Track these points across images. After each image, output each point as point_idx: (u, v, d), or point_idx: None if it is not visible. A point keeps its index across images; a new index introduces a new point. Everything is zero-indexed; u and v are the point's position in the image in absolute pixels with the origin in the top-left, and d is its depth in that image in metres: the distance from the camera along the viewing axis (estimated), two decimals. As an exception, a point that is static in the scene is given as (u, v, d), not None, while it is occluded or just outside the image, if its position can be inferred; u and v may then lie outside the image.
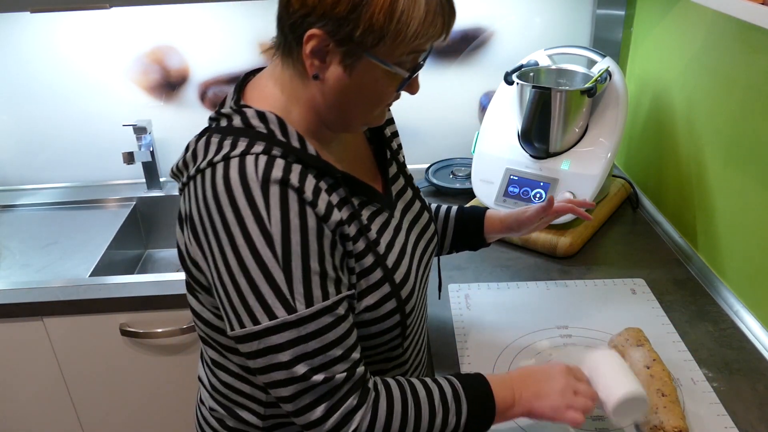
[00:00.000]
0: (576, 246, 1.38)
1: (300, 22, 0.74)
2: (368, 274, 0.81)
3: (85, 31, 1.65)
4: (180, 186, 0.82)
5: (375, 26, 0.72)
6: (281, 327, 0.72)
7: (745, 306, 1.18)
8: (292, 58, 0.78)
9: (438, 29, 0.75)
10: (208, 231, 0.74)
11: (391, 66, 0.75)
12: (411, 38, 0.73)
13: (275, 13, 0.83)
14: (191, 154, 0.79)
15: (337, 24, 0.72)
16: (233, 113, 0.79)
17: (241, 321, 0.73)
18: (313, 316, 0.73)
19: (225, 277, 0.73)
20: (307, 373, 0.73)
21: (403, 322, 0.86)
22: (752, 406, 0.98)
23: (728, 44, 1.21)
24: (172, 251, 1.82)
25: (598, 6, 1.66)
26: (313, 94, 0.79)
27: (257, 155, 0.74)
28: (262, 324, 0.72)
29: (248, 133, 0.77)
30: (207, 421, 0.95)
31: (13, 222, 1.70)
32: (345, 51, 0.74)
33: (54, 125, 1.77)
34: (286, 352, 0.72)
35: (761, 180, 1.12)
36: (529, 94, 1.35)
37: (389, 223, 0.87)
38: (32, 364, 1.44)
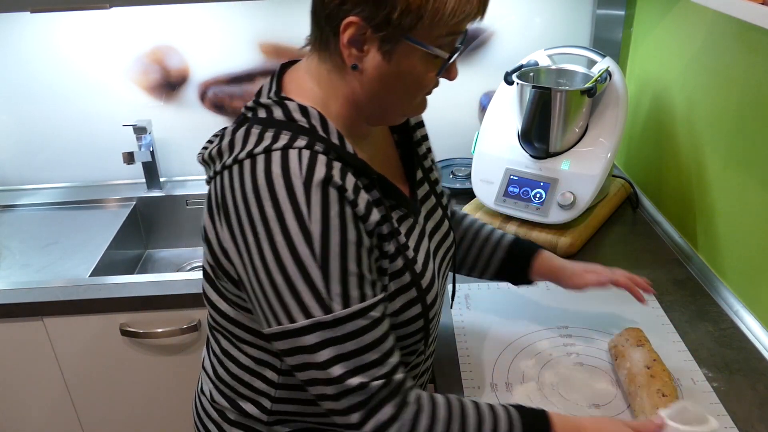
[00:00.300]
0: (576, 246, 1.38)
1: (336, 12, 0.73)
2: (398, 276, 0.81)
3: (85, 31, 1.65)
4: (211, 174, 0.80)
5: (412, 6, 0.71)
6: (317, 326, 0.71)
7: (745, 306, 1.18)
8: (329, 50, 0.77)
9: (474, 6, 0.73)
10: (245, 224, 0.73)
11: (430, 48, 0.74)
12: (449, 16, 0.72)
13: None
14: (228, 143, 0.77)
15: (374, 8, 0.71)
16: (273, 105, 0.78)
17: (277, 318, 0.73)
18: (349, 317, 0.72)
19: (261, 272, 0.72)
20: (343, 375, 0.72)
21: (426, 327, 0.85)
22: (752, 406, 0.98)
23: (728, 44, 1.21)
24: (172, 251, 1.82)
25: (598, 6, 1.66)
26: (352, 86, 0.78)
27: (300, 150, 0.73)
28: (298, 322, 0.71)
29: (290, 127, 0.76)
30: (207, 412, 0.94)
31: (13, 222, 1.70)
32: (383, 37, 0.73)
33: (54, 125, 1.77)
34: (321, 353, 0.71)
35: (761, 180, 1.12)
36: (529, 94, 1.35)
37: (414, 228, 0.87)
38: (32, 364, 1.44)
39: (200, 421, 0.97)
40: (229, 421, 0.91)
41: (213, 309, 0.86)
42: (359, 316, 0.72)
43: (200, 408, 0.97)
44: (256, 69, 1.72)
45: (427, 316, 0.84)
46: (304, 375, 0.74)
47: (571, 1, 1.67)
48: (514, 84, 1.41)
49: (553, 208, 1.38)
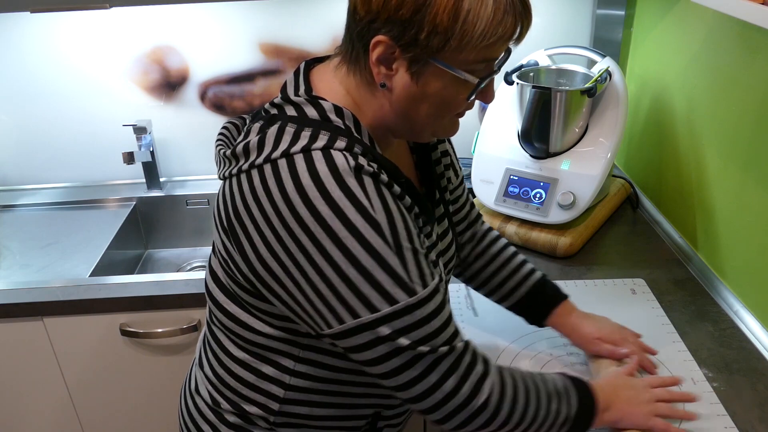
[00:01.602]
0: (576, 246, 1.38)
1: (366, 29, 0.73)
2: None
3: (85, 31, 1.65)
4: (232, 171, 0.77)
5: (439, 27, 0.70)
6: (405, 311, 0.71)
7: (745, 306, 1.18)
8: (359, 66, 0.77)
9: (509, 29, 0.72)
10: (295, 229, 0.70)
11: (458, 72, 0.73)
12: (479, 39, 0.71)
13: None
14: (258, 141, 0.75)
15: (402, 28, 0.71)
16: (305, 103, 0.77)
17: (353, 312, 0.71)
18: (430, 295, 0.73)
19: (328, 271, 0.70)
20: (432, 349, 0.73)
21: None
22: (752, 406, 0.98)
23: (728, 44, 1.21)
24: (172, 251, 1.82)
25: (598, 6, 1.66)
26: (381, 103, 0.78)
27: (340, 150, 0.73)
28: (382, 311, 0.71)
29: (328, 127, 0.75)
30: (202, 413, 0.93)
31: (13, 222, 1.70)
32: (411, 57, 0.72)
33: (54, 125, 1.77)
34: (409, 335, 0.72)
35: (761, 180, 1.12)
36: (529, 94, 1.35)
37: (430, 236, 0.88)
38: (32, 364, 1.44)
39: (192, 422, 0.94)
40: (227, 423, 0.90)
41: (219, 310, 0.85)
42: (437, 293, 0.75)
43: (193, 408, 0.95)
44: (256, 69, 1.72)
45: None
46: (384, 366, 0.74)
47: (571, 1, 1.67)
48: (514, 84, 1.41)
49: (553, 208, 1.38)
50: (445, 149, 0.98)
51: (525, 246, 1.41)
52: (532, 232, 1.40)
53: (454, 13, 0.69)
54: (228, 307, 0.84)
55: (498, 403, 0.77)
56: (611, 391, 0.89)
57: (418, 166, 0.94)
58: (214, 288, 0.85)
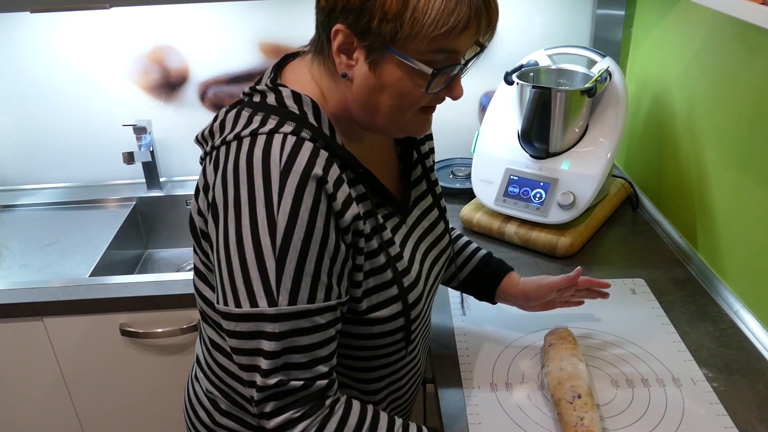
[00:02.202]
0: (576, 246, 1.38)
1: (328, 19, 0.75)
2: (379, 273, 0.81)
3: (85, 31, 1.65)
4: (202, 154, 0.83)
5: (389, 15, 0.70)
6: (257, 317, 0.72)
7: (745, 306, 1.18)
8: (324, 56, 0.79)
9: (462, 19, 0.70)
10: (219, 203, 0.75)
11: (412, 61, 0.73)
12: (430, 27, 0.70)
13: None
14: (219, 124, 0.80)
15: (356, 15, 0.72)
16: (268, 90, 0.79)
17: (225, 298, 0.74)
18: (291, 315, 0.72)
19: (222, 252, 0.74)
20: (268, 371, 0.73)
21: (408, 327, 0.85)
22: (752, 406, 0.98)
23: (728, 44, 1.21)
24: (172, 251, 1.82)
25: (598, 6, 1.66)
26: (344, 93, 0.79)
27: (285, 135, 0.74)
28: (243, 308, 0.73)
29: (280, 112, 0.77)
30: (199, 399, 0.95)
31: (13, 222, 1.70)
32: (368, 46, 0.73)
33: (54, 125, 1.77)
34: (255, 341, 0.73)
35: (761, 180, 1.12)
36: (529, 94, 1.35)
37: (400, 227, 0.87)
38: (32, 364, 1.44)
39: (191, 407, 0.97)
40: (220, 410, 0.92)
41: (200, 298, 0.88)
42: (301, 317, 0.73)
43: (192, 394, 0.97)
44: (256, 69, 1.72)
45: (408, 315, 0.84)
46: (236, 358, 0.76)
47: (571, 1, 1.67)
48: (514, 84, 1.41)
49: (553, 208, 1.38)
50: (432, 146, 1.00)
51: (525, 246, 1.41)
52: (532, 232, 1.40)
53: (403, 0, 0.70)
54: (206, 293, 0.86)
55: None
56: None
57: (402, 158, 0.94)
58: (196, 279, 0.88)
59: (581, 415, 0.90)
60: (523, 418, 0.97)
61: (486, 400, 1.01)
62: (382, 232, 0.81)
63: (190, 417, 0.98)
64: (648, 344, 1.11)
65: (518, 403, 1.00)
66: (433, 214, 0.95)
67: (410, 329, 0.86)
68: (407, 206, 0.90)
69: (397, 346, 0.87)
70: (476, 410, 0.99)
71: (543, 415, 0.98)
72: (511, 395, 1.02)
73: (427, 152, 0.98)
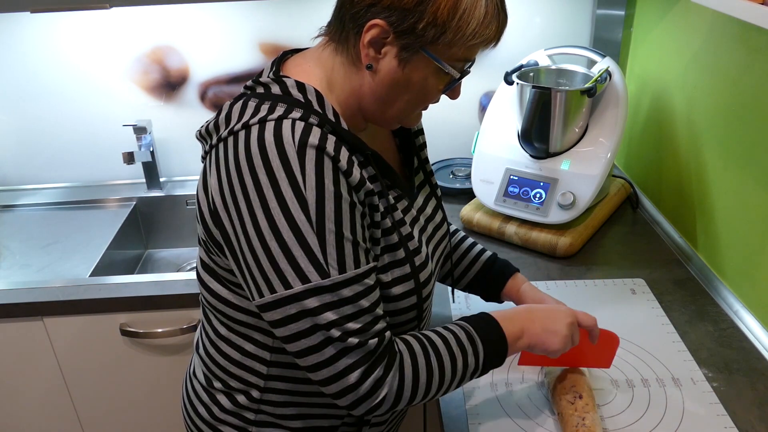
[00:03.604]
0: (576, 246, 1.38)
1: (364, 12, 0.75)
2: (393, 250, 0.82)
3: (85, 31, 1.65)
4: (206, 148, 0.82)
5: (438, 20, 0.73)
6: (315, 291, 0.72)
7: (745, 306, 1.18)
8: (347, 45, 0.79)
9: (492, 33, 0.77)
10: (238, 193, 0.74)
11: (444, 65, 0.77)
12: (468, 38, 0.76)
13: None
14: (224, 116, 0.80)
15: (402, 15, 0.73)
16: (272, 82, 0.80)
17: (271, 285, 0.73)
18: (346, 282, 0.74)
19: (254, 240, 0.73)
20: (342, 336, 0.74)
21: (420, 305, 0.86)
22: (752, 406, 0.98)
23: (728, 44, 1.21)
24: (172, 251, 1.82)
25: (598, 6, 1.66)
26: (361, 83, 0.80)
27: (294, 120, 0.75)
28: (295, 288, 0.72)
29: (286, 100, 0.78)
30: (198, 395, 0.95)
31: (13, 222, 1.70)
32: (403, 44, 0.75)
33: (54, 125, 1.77)
34: (320, 317, 0.73)
35: (761, 180, 1.12)
36: (529, 94, 1.35)
37: (408, 211, 0.89)
38: (32, 364, 1.45)
39: (190, 404, 0.97)
40: (218, 403, 0.92)
41: (205, 289, 0.88)
42: (355, 281, 0.75)
43: (191, 390, 0.98)
44: (256, 69, 1.72)
45: (420, 294, 0.86)
46: (297, 345, 0.75)
47: (571, 1, 1.67)
48: (514, 84, 1.41)
49: (553, 208, 1.38)
50: (424, 141, 1.01)
51: (525, 246, 1.41)
52: (532, 232, 1.40)
53: (453, 8, 0.73)
54: (211, 285, 0.86)
55: (397, 396, 0.78)
56: (527, 315, 0.90)
57: (400, 149, 0.97)
58: (201, 270, 0.88)
59: (582, 415, 0.90)
60: (523, 418, 0.97)
61: (486, 400, 1.01)
62: (393, 212, 0.83)
63: (189, 413, 0.98)
64: (648, 344, 1.11)
65: (518, 403, 1.00)
66: (432, 203, 0.97)
67: (422, 308, 0.87)
68: (413, 191, 0.92)
69: (410, 325, 0.88)
70: (476, 410, 0.99)
71: (543, 415, 0.98)
72: (511, 395, 1.02)
73: (420, 145, 0.99)
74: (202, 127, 0.83)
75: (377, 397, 0.77)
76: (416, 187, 0.95)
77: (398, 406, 0.80)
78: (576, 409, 0.91)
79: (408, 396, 0.79)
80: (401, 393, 0.78)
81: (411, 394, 0.79)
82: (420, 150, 0.99)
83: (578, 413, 0.91)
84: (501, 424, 0.96)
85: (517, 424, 0.96)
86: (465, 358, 0.83)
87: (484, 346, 0.85)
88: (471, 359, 0.84)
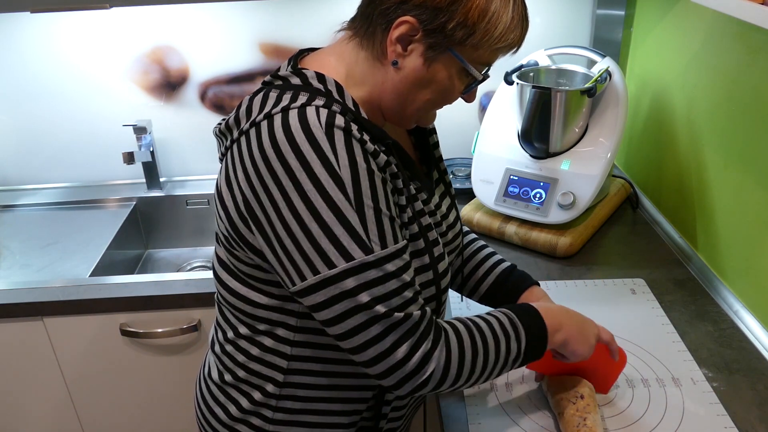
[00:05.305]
0: (576, 246, 1.38)
1: (394, 9, 0.76)
2: (414, 240, 0.82)
3: (85, 31, 1.65)
4: (227, 144, 0.81)
5: (468, 21, 0.74)
6: (361, 268, 0.72)
7: (745, 306, 1.18)
8: (372, 40, 0.79)
9: (516, 38, 0.79)
10: (269, 182, 0.73)
11: (469, 66, 0.78)
12: (495, 41, 0.77)
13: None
14: (245, 109, 0.79)
15: (434, 14, 0.74)
16: (291, 75, 0.80)
17: (314, 267, 0.73)
18: (389, 257, 0.74)
19: (293, 224, 0.73)
20: (389, 311, 0.74)
21: (439, 297, 0.87)
22: (752, 406, 0.98)
23: (728, 44, 1.21)
24: (172, 251, 1.82)
25: (598, 6, 1.66)
26: (384, 78, 0.80)
27: (318, 107, 0.75)
28: (339, 266, 0.72)
29: (308, 89, 0.78)
30: (213, 395, 0.95)
31: (13, 222, 1.70)
32: (431, 42, 0.76)
33: (54, 125, 1.77)
34: (364, 294, 0.73)
35: (761, 179, 1.12)
36: (529, 94, 1.35)
37: (426, 204, 0.89)
38: (32, 364, 1.44)
39: (206, 406, 0.96)
40: (236, 403, 0.92)
41: (223, 287, 0.88)
42: (397, 256, 0.75)
43: (206, 392, 0.97)
44: (256, 69, 1.72)
45: (438, 285, 0.86)
46: (342, 327, 0.75)
47: (571, 1, 1.67)
48: (514, 84, 1.41)
49: (553, 208, 1.38)
50: (437, 140, 1.01)
51: (525, 246, 1.41)
52: (532, 232, 1.40)
53: (484, 11, 0.75)
54: (229, 283, 0.87)
55: (444, 373, 0.78)
56: (562, 312, 0.91)
57: (417, 147, 0.97)
58: (219, 268, 0.88)
59: (584, 415, 0.90)
60: (523, 418, 0.97)
61: (486, 400, 1.01)
62: (414, 203, 0.83)
63: (204, 415, 0.97)
64: (648, 344, 1.11)
65: (518, 403, 1.00)
66: (446, 201, 0.97)
67: (441, 299, 0.87)
68: (432, 186, 0.93)
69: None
70: (476, 410, 0.99)
71: (543, 415, 0.98)
72: (511, 395, 1.02)
73: (434, 144, 1.00)
74: (222, 123, 0.83)
75: (424, 373, 0.76)
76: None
77: (443, 385, 0.79)
78: (577, 410, 0.91)
79: (454, 375, 0.79)
80: (447, 370, 0.78)
81: (457, 373, 0.79)
82: (435, 148, 0.99)
83: (579, 413, 0.91)
84: (501, 424, 0.96)
85: (517, 424, 0.96)
86: (508, 342, 0.83)
87: (527, 333, 0.85)
88: (513, 344, 0.84)
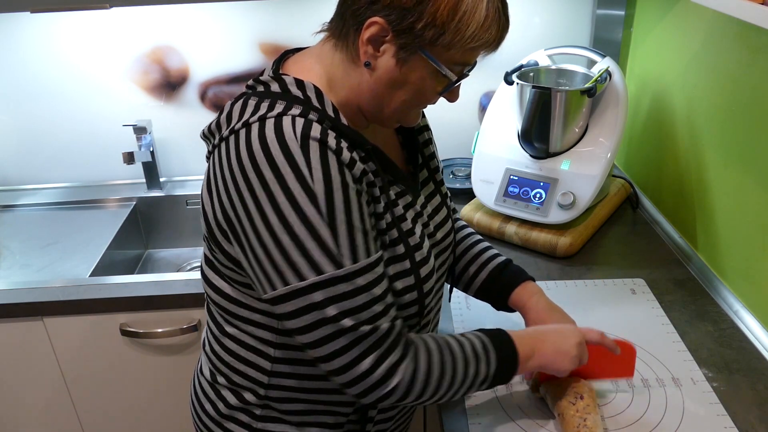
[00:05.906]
0: (576, 246, 1.38)
1: (364, 10, 0.76)
2: (393, 245, 0.83)
3: (85, 31, 1.65)
4: (210, 149, 0.83)
5: (437, 21, 0.73)
6: (330, 282, 0.73)
7: (745, 306, 1.18)
8: (346, 41, 0.79)
9: (492, 37, 0.77)
10: (244, 191, 0.74)
11: (442, 67, 0.77)
12: (467, 40, 0.76)
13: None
14: (226, 116, 0.80)
15: (402, 14, 0.74)
16: (271, 80, 0.81)
17: (284, 278, 0.74)
18: (360, 271, 0.75)
19: (265, 235, 0.74)
20: (355, 324, 0.74)
21: (421, 301, 0.87)
22: (752, 406, 0.98)
23: (728, 44, 1.21)
24: (172, 251, 1.82)
25: (598, 6, 1.66)
26: (359, 80, 0.80)
27: (294, 117, 0.75)
28: (309, 279, 0.73)
29: (285, 97, 0.78)
30: (205, 392, 0.96)
31: (13, 222, 1.70)
32: (402, 43, 0.75)
33: (54, 125, 1.77)
34: (332, 307, 0.74)
35: (761, 179, 1.12)
36: (529, 94, 1.35)
37: (411, 207, 0.89)
38: (32, 364, 1.44)
39: (197, 400, 0.98)
40: (224, 399, 0.93)
41: (209, 286, 0.89)
42: (367, 270, 0.76)
43: (198, 387, 0.98)
44: (256, 69, 1.72)
45: (421, 290, 0.86)
46: (309, 336, 0.76)
47: (571, 1, 1.67)
48: (514, 84, 1.41)
49: (553, 208, 1.38)
50: (430, 137, 1.01)
51: (525, 246, 1.41)
52: (532, 232, 1.40)
53: (453, 10, 0.73)
54: (214, 281, 0.87)
55: (409, 386, 0.79)
56: (538, 336, 0.91)
57: (404, 146, 0.97)
58: (204, 266, 0.89)
59: (584, 416, 0.90)
60: (523, 418, 0.97)
61: (486, 400, 1.01)
62: (394, 208, 0.83)
63: (196, 410, 0.99)
64: (648, 344, 1.11)
65: (518, 403, 1.00)
66: (436, 200, 0.97)
67: (424, 303, 0.87)
68: (417, 186, 0.93)
69: (412, 321, 0.88)
70: (476, 410, 0.99)
71: (543, 415, 0.98)
72: (511, 395, 1.02)
73: (425, 141, 0.99)
74: (206, 127, 0.84)
75: (388, 385, 0.78)
76: (420, 183, 0.95)
77: (408, 398, 0.80)
78: (577, 410, 0.91)
79: (419, 389, 0.80)
80: (413, 384, 0.79)
81: (422, 388, 0.80)
82: (425, 146, 0.98)
83: (579, 414, 0.91)
84: (501, 424, 0.96)
85: (517, 424, 0.96)
86: (477, 365, 0.84)
87: (497, 358, 0.86)
88: (483, 367, 0.85)
